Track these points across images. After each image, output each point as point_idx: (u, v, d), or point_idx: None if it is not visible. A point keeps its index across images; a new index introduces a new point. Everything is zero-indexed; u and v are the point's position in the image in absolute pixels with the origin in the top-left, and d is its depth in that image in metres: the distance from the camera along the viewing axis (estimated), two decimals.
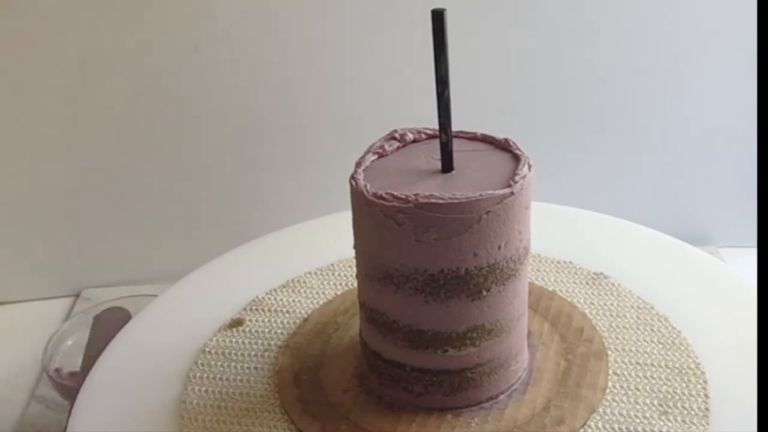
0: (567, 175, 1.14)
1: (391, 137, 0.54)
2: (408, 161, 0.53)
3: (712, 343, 0.59)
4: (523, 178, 0.49)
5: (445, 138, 0.51)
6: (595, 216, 0.75)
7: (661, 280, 0.66)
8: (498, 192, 0.48)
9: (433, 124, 0.52)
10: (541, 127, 1.15)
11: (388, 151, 0.54)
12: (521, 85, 1.14)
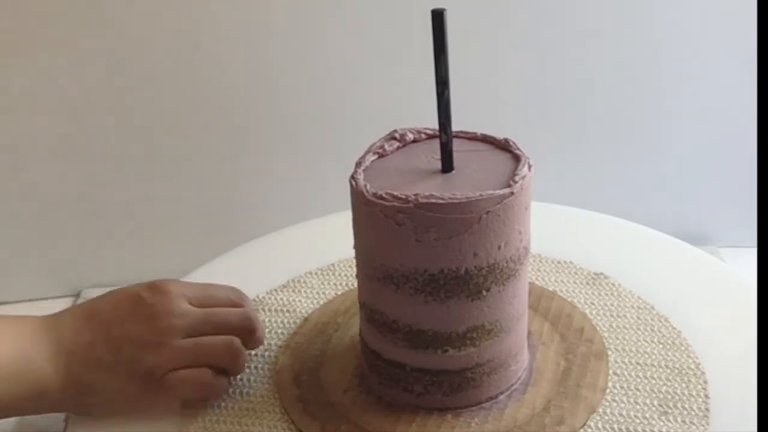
0: (566, 175, 1.14)
1: (391, 137, 0.54)
2: (408, 161, 0.53)
3: (712, 344, 0.59)
4: (522, 179, 0.49)
5: (445, 138, 0.51)
6: (595, 216, 0.75)
7: (661, 280, 0.66)
8: (498, 192, 0.48)
9: (433, 124, 0.52)
10: (541, 127, 1.15)
11: (388, 151, 0.54)
12: (522, 86, 1.14)
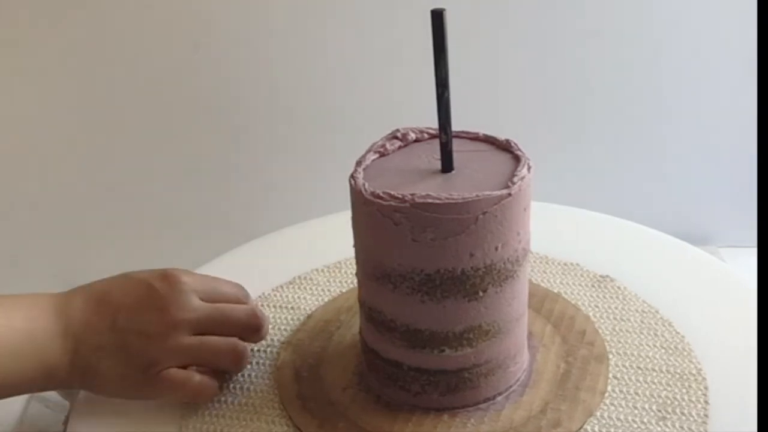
0: (566, 175, 1.14)
1: (393, 136, 0.54)
2: (409, 161, 0.53)
3: (715, 349, 0.58)
4: (521, 180, 0.49)
5: (444, 138, 0.51)
6: (603, 218, 0.74)
7: (667, 284, 0.65)
8: (495, 193, 0.48)
9: (433, 124, 0.52)
10: (541, 127, 1.14)
11: (389, 151, 0.54)
12: (522, 86, 1.13)
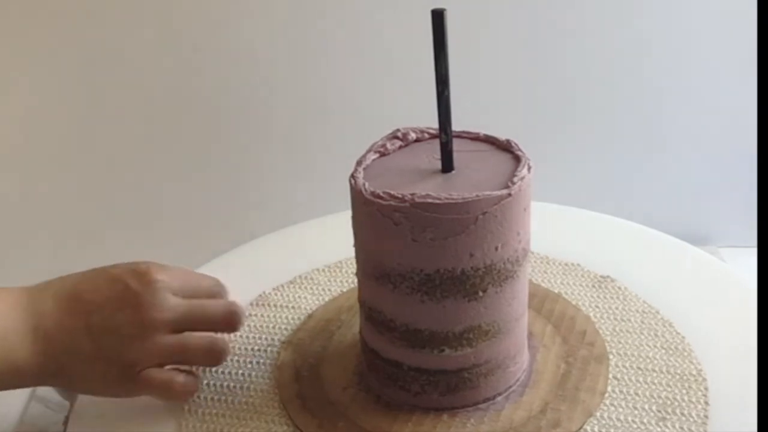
0: (566, 175, 1.14)
1: (394, 136, 0.54)
2: (409, 160, 0.53)
3: (715, 349, 0.58)
4: (521, 180, 0.49)
5: (445, 138, 0.51)
6: (603, 218, 0.74)
7: (668, 284, 0.65)
8: (495, 193, 0.48)
9: (433, 124, 0.52)
10: (541, 127, 1.14)
11: (390, 150, 0.54)
12: (522, 86, 1.13)
